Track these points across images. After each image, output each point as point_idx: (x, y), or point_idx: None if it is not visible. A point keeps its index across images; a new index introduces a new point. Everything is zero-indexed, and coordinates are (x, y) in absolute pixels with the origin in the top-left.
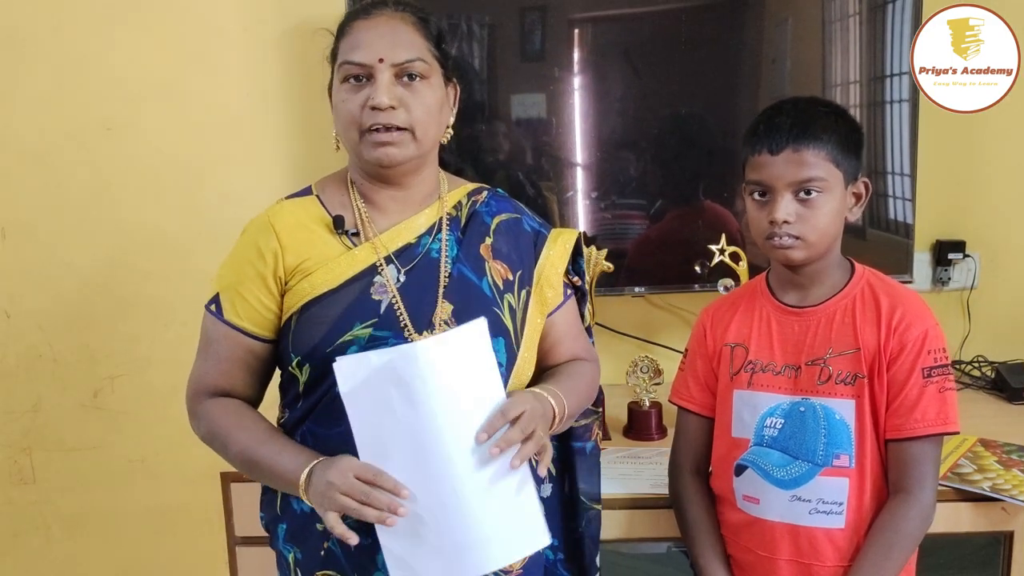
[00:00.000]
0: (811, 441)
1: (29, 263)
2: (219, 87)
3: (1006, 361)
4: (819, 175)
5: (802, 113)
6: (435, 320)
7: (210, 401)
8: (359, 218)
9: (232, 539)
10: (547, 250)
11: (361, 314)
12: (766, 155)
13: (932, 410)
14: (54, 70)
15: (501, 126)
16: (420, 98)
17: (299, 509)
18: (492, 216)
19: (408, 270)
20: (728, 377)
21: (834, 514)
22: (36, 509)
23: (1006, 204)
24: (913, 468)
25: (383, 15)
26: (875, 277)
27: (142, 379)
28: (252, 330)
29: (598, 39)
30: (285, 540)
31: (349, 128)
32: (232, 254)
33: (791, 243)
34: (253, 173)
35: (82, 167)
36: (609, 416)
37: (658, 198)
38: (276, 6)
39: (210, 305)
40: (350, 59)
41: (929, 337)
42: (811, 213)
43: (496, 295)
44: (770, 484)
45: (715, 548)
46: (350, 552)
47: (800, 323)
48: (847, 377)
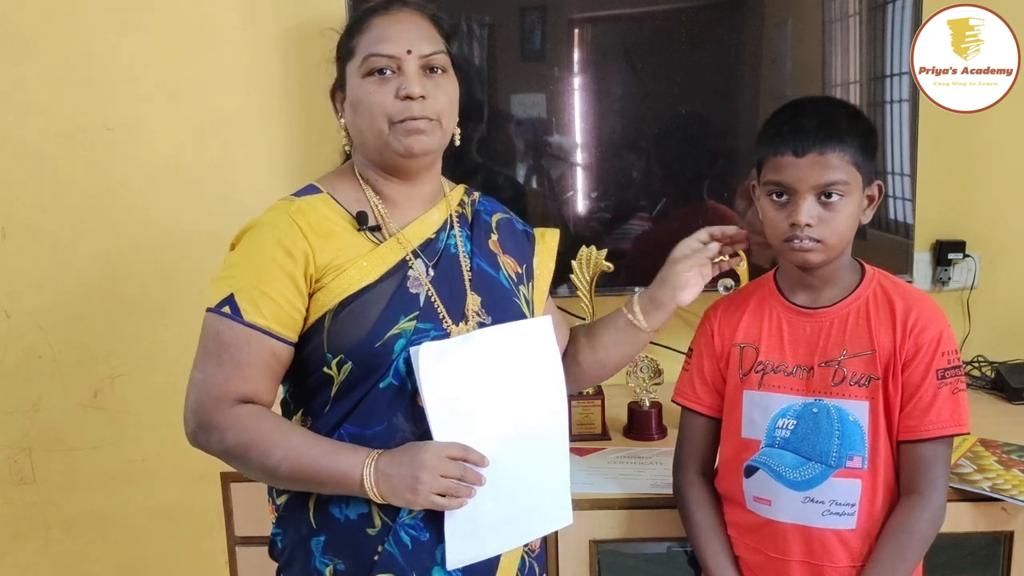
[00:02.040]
0: (825, 442)
1: (29, 263)
2: (219, 87)
3: (1006, 361)
4: (842, 178)
5: (827, 115)
6: (467, 311)
7: (236, 409)
8: (379, 214)
9: (232, 539)
10: (538, 247)
11: (404, 307)
12: (790, 156)
13: (946, 411)
14: (54, 70)
15: (501, 126)
16: (443, 90)
17: (343, 517)
18: (489, 215)
19: (434, 264)
20: (737, 378)
21: (846, 515)
22: (36, 509)
23: (1006, 204)
24: (926, 470)
25: (403, 11)
26: (886, 279)
27: (142, 379)
28: (279, 331)
29: (598, 39)
30: (323, 554)
31: (377, 120)
32: (247, 254)
33: (812, 246)
34: (253, 173)
35: (82, 167)
36: (609, 416)
37: (658, 198)
38: (276, 6)
39: (221, 308)
40: (377, 51)
41: (943, 339)
42: (832, 216)
43: (513, 287)
44: (783, 486)
45: (724, 549)
46: (408, 550)
47: (812, 324)
48: (862, 379)
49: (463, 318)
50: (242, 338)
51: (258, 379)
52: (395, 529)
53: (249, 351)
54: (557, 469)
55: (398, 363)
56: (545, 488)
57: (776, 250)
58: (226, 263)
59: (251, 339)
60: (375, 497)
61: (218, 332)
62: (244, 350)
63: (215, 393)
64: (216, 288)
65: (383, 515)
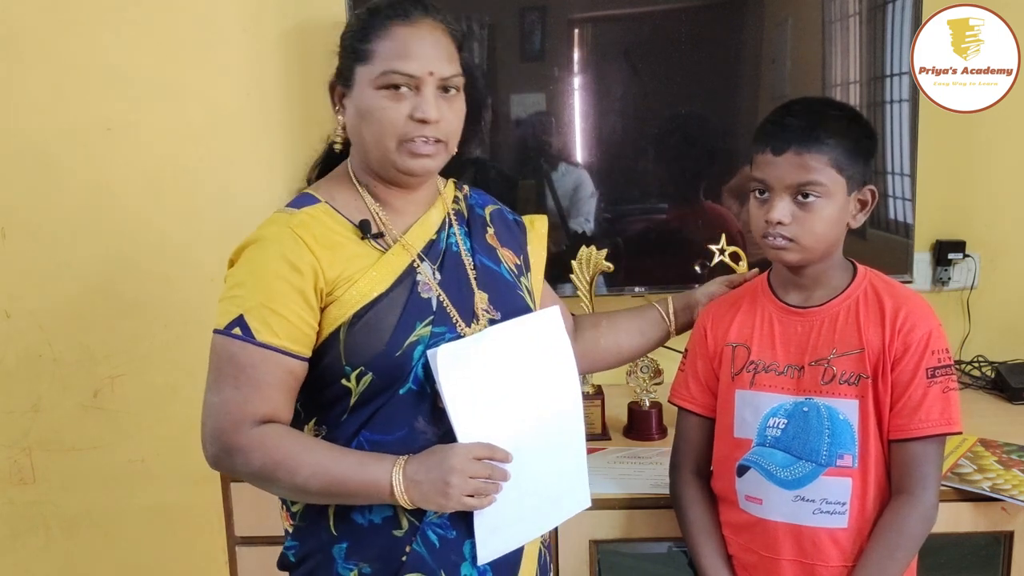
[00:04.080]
0: (815, 441)
1: (29, 263)
2: (219, 87)
3: (1006, 361)
4: (819, 180)
5: (812, 115)
6: (477, 310)
7: (259, 430)
8: (380, 220)
9: (232, 539)
10: (529, 235)
11: (418, 314)
12: (769, 154)
13: (936, 410)
14: (54, 70)
15: (500, 126)
16: (456, 111)
17: (366, 522)
18: (482, 208)
19: (439, 266)
20: (729, 377)
21: (837, 514)
22: (36, 509)
23: (1006, 204)
24: (915, 468)
25: (425, 23)
26: (877, 278)
27: (142, 379)
28: (293, 349)
29: (598, 39)
30: (346, 560)
31: (386, 137)
32: (250, 272)
33: (784, 244)
34: (253, 173)
35: (82, 167)
36: (609, 416)
37: (658, 198)
38: (276, 6)
39: (231, 329)
40: (399, 68)
41: (933, 337)
42: (807, 217)
43: (515, 279)
44: (773, 484)
45: (717, 549)
46: (436, 549)
47: (803, 323)
48: (851, 377)
49: (474, 317)
50: (257, 359)
51: (277, 398)
52: (422, 529)
53: (266, 371)
54: (576, 454)
55: (417, 369)
56: (566, 474)
57: (760, 247)
58: (229, 282)
59: (267, 359)
60: (406, 504)
61: (232, 354)
62: (261, 370)
63: (235, 416)
64: (223, 309)
65: (409, 516)
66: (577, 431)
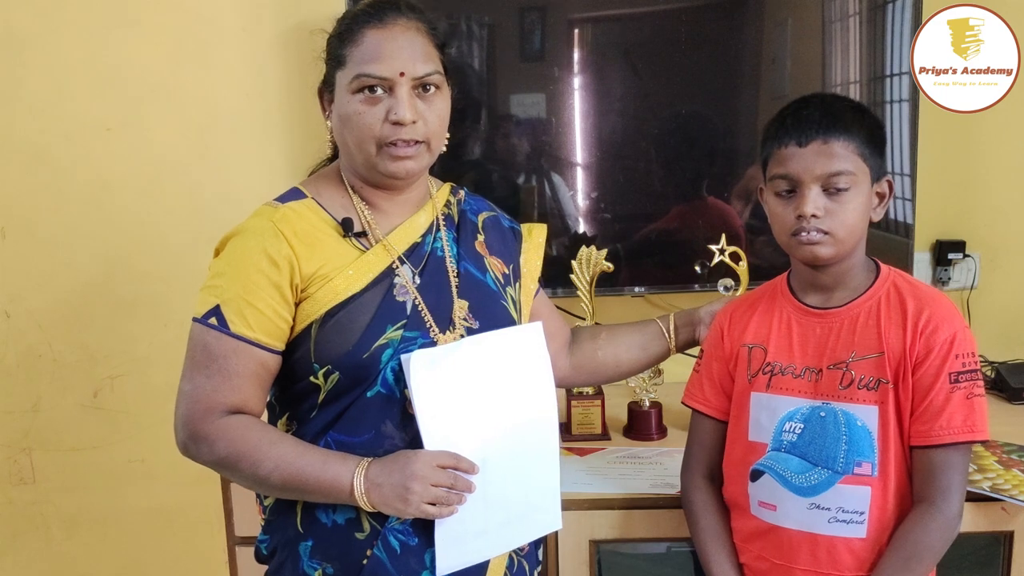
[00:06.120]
0: (831, 448)
1: (29, 263)
2: (219, 87)
3: (1006, 361)
4: (848, 168)
5: (830, 106)
6: (454, 317)
7: (225, 420)
8: (364, 220)
9: (231, 539)
10: (525, 244)
11: (391, 316)
12: (793, 147)
13: (958, 417)
14: (54, 70)
15: (500, 126)
16: (435, 110)
17: (330, 522)
18: (476, 214)
19: (421, 270)
20: (745, 379)
21: (855, 523)
22: (36, 509)
23: (1006, 204)
24: (937, 477)
25: (398, 24)
26: (901, 278)
27: (142, 379)
28: (266, 342)
29: (598, 39)
30: (311, 558)
31: (365, 142)
32: (230, 263)
33: (819, 238)
34: (253, 173)
35: (82, 167)
36: (609, 416)
37: (658, 198)
38: (275, 6)
39: (208, 319)
40: (369, 72)
41: (957, 341)
42: (840, 208)
43: (500, 289)
44: (788, 490)
45: (728, 555)
46: (397, 555)
47: (822, 325)
48: (870, 382)
49: (450, 324)
50: (230, 349)
51: (247, 389)
52: (384, 534)
53: (238, 362)
54: (547, 475)
55: (386, 372)
56: (535, 493)
57: (784, 247)
58: (211, 271)
59: (239, 351)
60: (365, 506)
61: (206, 343)
62: (233, 361)
63: (204, 404)
64: (202, 298)
65: (372, 520)
66: (551, 450)
